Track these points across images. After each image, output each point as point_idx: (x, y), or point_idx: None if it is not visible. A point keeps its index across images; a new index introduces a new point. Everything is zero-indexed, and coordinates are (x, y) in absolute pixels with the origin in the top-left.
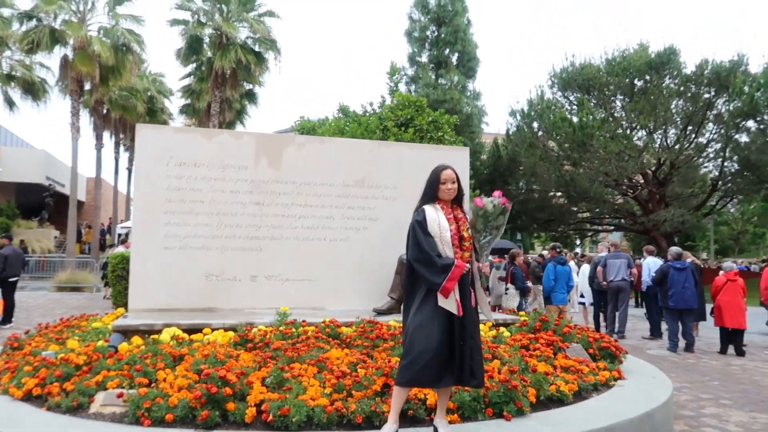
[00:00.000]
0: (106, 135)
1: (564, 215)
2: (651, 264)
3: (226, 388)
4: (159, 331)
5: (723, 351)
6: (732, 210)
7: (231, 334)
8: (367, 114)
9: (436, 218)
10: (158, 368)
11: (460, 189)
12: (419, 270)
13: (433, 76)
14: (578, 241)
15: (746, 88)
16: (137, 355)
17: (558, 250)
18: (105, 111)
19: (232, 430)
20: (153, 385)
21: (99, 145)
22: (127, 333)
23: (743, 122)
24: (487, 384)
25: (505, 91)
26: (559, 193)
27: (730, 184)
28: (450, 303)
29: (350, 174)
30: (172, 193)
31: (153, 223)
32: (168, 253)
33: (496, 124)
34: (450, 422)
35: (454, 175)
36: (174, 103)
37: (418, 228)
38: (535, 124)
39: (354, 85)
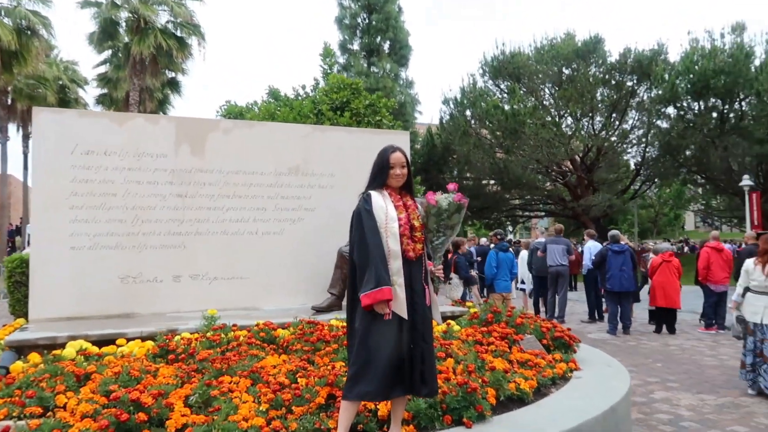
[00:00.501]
0: (12, 128)
1: (498, 202)
2: (592, 247)
3: (139, 413)
4: (63, 345)
5: (658, 330)
6: (651, 194)
7: (150, 344)
8: (300, 98)
9: (383, 205)
10: (58, 392)
11: (410, 174)
12: (358, 266)
13: (365, 64)
14: (510, 228)
15: (666, 76)
16: (31, 377)
17: (500, 237)
18: (10, 101)
19: None
20: (50, 414)
21: (3, 138)
22: (23, 349)
23: (664, 109)
24: (444, 387)
25: (437, 79)
26: (492, 181)
27: (651, 169)
28: (398, 304)
29: (283, 161)
30: (78, 185)
31: (56, 221)
32: (75, 254)
33: (430, 112)
34: None
35: (404, 158)
36: (89, 93)
37: (365, 216)
38: (468, 112)
39: (282, 70)
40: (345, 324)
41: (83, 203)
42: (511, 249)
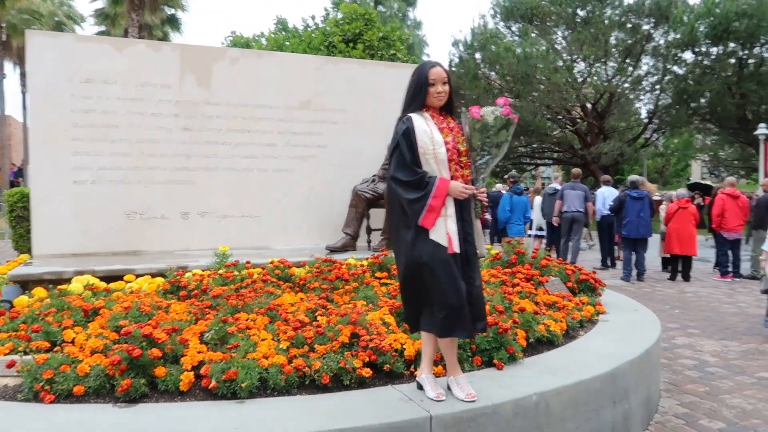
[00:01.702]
0: (8, 66)
1: (507, 148)
2: (606, 193)
3: (153, 349)
4: (69, 281)
5: (672, 277)
6: (659, 144)
7: (159, 280)
8: (310, 29)
9: (427, 130)
10: (65, 327)
11: (451, 92)
12: (398, 193)
13: (372, 3)
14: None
15: (686, 18)
16: (37, 312)
17: (514, 180)
18: (5, 37)
19: (163, 402)
20: (57, 348)
21: (0, 76)
22: (27, 284)
23: (681, 54)
24: None
25: (447, 20)
26: None
27: (663, 117)
28: (440, 233)
29: (294, 95)
30: (78, 116)
31: (57, 153)
32: (78, 188)
33: (438, 55)
34: (436, 375)
35: (445, 73)
36: (87, 30)
37: (403, 142)
38: (478, 56)
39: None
40: (363, 263)
41: (84, 135)
42: (525, 192)
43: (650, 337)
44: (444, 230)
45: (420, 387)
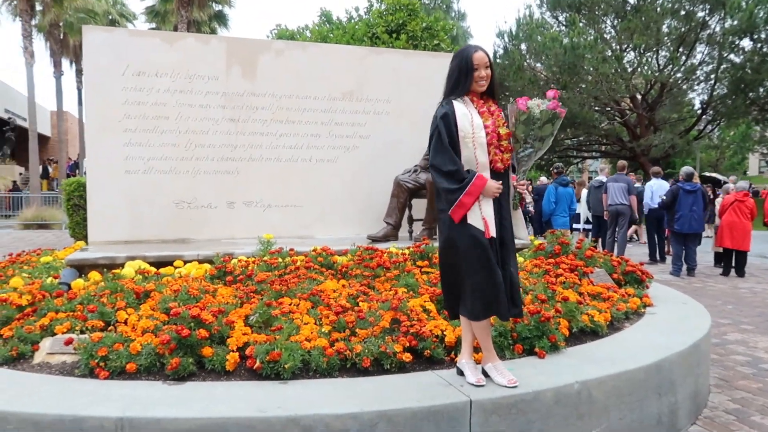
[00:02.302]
0: (65, 63)
1: (551, 142)
2: (655, 186)
3: (200, 329)
4: (121, 265)
5: (725, 273)
6: (714, 137)
7: (207, 266)
8: (353, 20)
9: (468, 113)
10: (118, 308)
11: (494, 77)
12: (436, 180)
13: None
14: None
15: (744, 4)
16: (92, 293)
17: (558, 171)
18: (62, 35)
19: (210, 381)
20: (111, 328)
21: (58, 73)
22: (83, 268)
23: (738, 41)
24: None
25: (491, 11)
26: None
27: (718, 108)
28: (475, 217)
29: (338, 86)
30: (130, 107)
31: (110, 144)
32: (130, 177)
33: (483, 46)
34: (476, 362)
35: (488, 58)
36: (138, 27)
37: (442, 126)
38: (524, 46)
39: None
40: (404, 252)
41: (136, 126)
42: (571, 184)
43: (699, 329)
44: (479, 215)
45: (460, 373)
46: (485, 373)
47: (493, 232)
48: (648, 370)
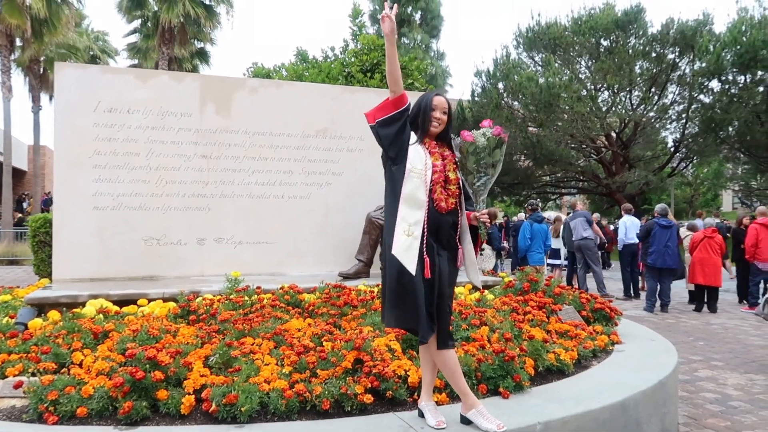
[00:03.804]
0: (44, 98)
1: (529, 178)
2: (628, 222)
3: (156, 371)
4: (83, 304)
5: (698, 309)
6: (688, 173)
7: (171, 305)
8: (329, 60)
9: (421, 151)
10: (74, 349)
11: (449, 123)
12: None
13: (396, 35)
14: (540, 205)
15: (711, 47)
16: (48, 333)
17: (533, 207)
18: (42, 71)
19: (164, 425)
20: (65, 370)
21: (36, 108)
22: (44, 307)
23: (707, 82)
24: (479, 356)
25: (470, 52)
26: (524, 156)
27: (690, 146)
28: (408, 256)
29: (311, 123)
30: (101, 144)
31: (79, 179)
32: (99, 213)
33: (461, 85)
34: (438, 403)
35: (447, 104)
36: (120, 63)
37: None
38: (501, 85)
39: (311, 33)
40: (373, 290)
41: (106, 162)
42: (546, 221)
43: (665, 366)
44: (416, 253)
45: (421, 414)
46: (467, 421)
47: (412, 270)
48: (612, 409)
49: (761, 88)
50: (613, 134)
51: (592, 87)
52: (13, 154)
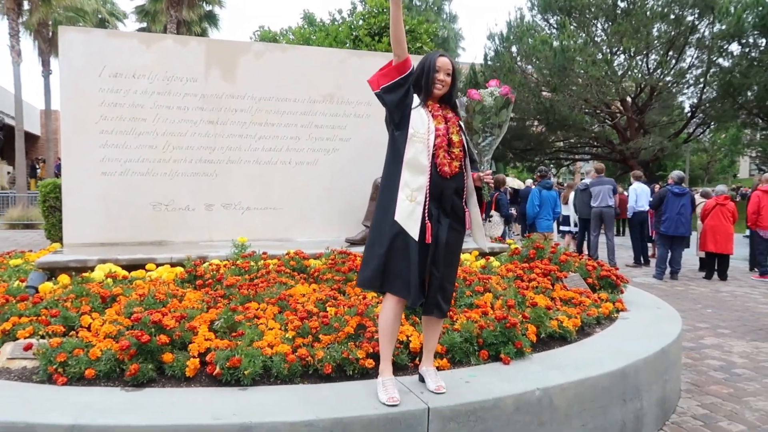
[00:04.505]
0: (54, 62)
1: (542, 144)
2: (638, 190)
3: (161, 335)
4: (93, 269)
5: (708, 276)
6: (705, 139)
7: (179, 270)
8: (336, 23)
9: (425, 117)
10: (83, 312)
11: (453, 85)
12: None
13: None
14: (554, 171)
15: (732, 9)
16: (57, 297)
17: (542, 174)
18: (50, 34)
19: (169, 387)
20: (73, 333)
21: (46, 72)
22: (54, 271)
23: (727, 45)
24: (481, 322)
25: (483, 15)
26: (537, 122)
27: (707, 112)
28: (411, 222)
29: (317, 88)
30: (107, 109)
31: (86, 145)
32: (106, 179)
33: (474, 49)
34: (439, 368)
35: (451, 65)
36: (128, 27)
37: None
38: (514, 49)
39: None
40: None
41: (113, 128)
42: (555, 187)
43: (668, 334)
44: (419, 218)
45: (421, 379)
46: (422, 378)
47: (415, 235)
48: (612, 376)
49: None
50: (629, 99)
51: (608, 50)
52: (24, 119)
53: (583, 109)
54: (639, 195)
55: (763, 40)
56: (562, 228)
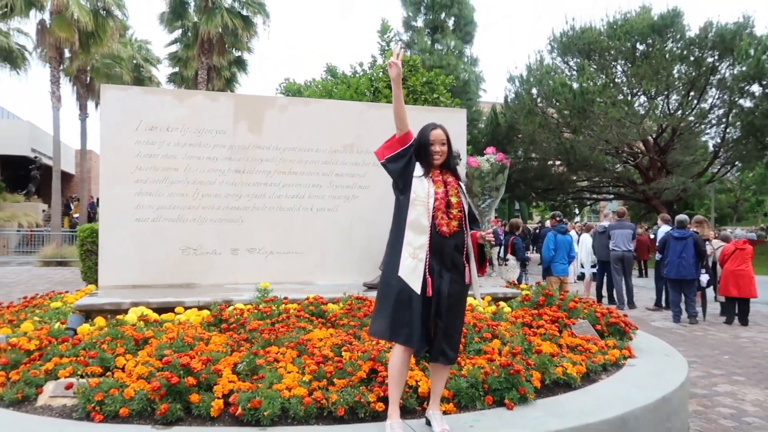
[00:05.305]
0: (91, 105)
1: (563, 184)
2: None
3: (189, 377)
4: (126, 311)
5: (729, 321)
6: (731, 178)
7: (205, 313)
8: (357, 75)
9: (425, 183)
10: (118, 354)
11: (450, 152)
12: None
13: (429, 41)
14: (577, 211)
15: (752, 51)
16: (94, 339)
17: (558, 218)
18: (88, 80)
19: (196, 426)
20: (109, 374)
21: (83, 116)
22: (90, 313)
23: (748, 87)
24: (487, 368)
25: (503, 56)
26: (558, 162)
27: (731, 151)
28: (413, 277)
29: (338, 138)
30: (142, 160)
31: (122, 193)
32: (140, 225)
33: (494, 91)
34: (445, 412)
35: (444, 135)
36: (162, 72)
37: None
38: (534, 90)
39: (343, 47)
40: None
41: (147, 177)
42: (570, 232)
43: (672, 382)
44: (422, 272)
45: (428, 423)
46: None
47: (418, 288)
48: (611, 423)
49: None
50: (650, 139)
51: (628, 92)
52: (62, 159)
53: (604, 149)
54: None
55: None
56: (582, 271)
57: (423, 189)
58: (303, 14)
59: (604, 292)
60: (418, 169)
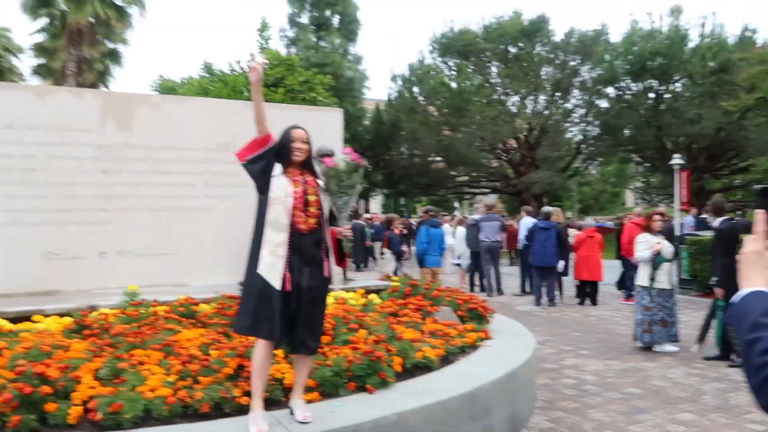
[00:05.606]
0: None
1: (444, 179)
2: (527, 223)
3: (44, 386)
4: None
5: (581, 302)
6: (593, 172)
7: (68, 320)
8: (235, 73)
9: (283, 182)
10: None
11: (310, 152)
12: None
13: (314, 38)
14: (456, 204)
15: (607, 56)
16: None
17: (431, 213)
18: None
19: None
20: None
21: None
22: None
23: (604, 89)
24: (351, 356)
25: (389, 56)
26: (438, 158)
27: (592, 147)
28: (273, 273)
29: (213, 137)
30: None
31: None
32: None
33: (380, 89)
34: (310, 401)
35: (306, 135)
36: (25, 63)
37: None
38: (416, 89)
39: (223, 44)
40: None
41: (3, 179)
42: (442, 225)
43: (519, 359)
44: (281, 270)
45: (292, 412)
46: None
47: (277, 284)
48: (461, 398)
49: (650, 95)
50: (521, 136)
51: (502, 91)
52: None
53: (480, 146)
54: (527, 228)
55: (634, 85)
56: (454, 262)
57: (282, 188)
58: (183, 7)
59: (477, 281)
60: (278, 169)
